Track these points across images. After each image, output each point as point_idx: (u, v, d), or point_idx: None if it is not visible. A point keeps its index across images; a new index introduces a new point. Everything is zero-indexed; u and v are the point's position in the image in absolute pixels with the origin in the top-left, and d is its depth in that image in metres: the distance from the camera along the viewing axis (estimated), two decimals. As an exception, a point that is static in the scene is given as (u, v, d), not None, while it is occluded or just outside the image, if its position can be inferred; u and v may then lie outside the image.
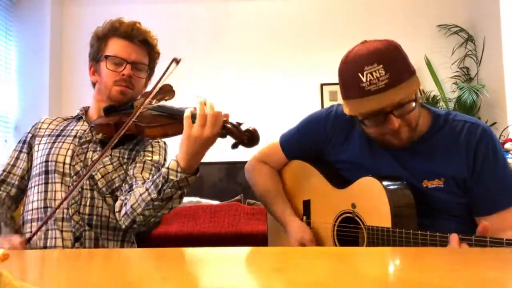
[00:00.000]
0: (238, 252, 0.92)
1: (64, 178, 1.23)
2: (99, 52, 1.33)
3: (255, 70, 4.03)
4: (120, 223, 1.18)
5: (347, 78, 1.09)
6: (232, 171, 3.75)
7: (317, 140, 1.31)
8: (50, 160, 1.25)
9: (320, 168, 1.31)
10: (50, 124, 1.38)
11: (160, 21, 4.08)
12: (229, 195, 2.86)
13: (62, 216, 1.19)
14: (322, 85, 3.89)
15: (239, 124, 1.03)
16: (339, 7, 4.04)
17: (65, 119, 1.41)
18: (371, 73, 1.03)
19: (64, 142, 1.29)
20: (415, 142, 1.15)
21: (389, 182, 1.12)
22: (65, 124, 1.37)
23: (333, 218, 1.22)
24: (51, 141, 1.30)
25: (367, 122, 1.11)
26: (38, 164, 1.27)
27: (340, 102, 1.21)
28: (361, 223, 1.15)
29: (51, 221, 1.19)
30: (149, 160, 1.29)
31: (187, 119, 1.03)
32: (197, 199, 2.75)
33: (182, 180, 1.05)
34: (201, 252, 0.87)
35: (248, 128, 1.01)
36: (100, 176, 1.24)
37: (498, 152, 1.11)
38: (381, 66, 1.03)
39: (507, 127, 3.39)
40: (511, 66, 3.47)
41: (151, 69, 1.40)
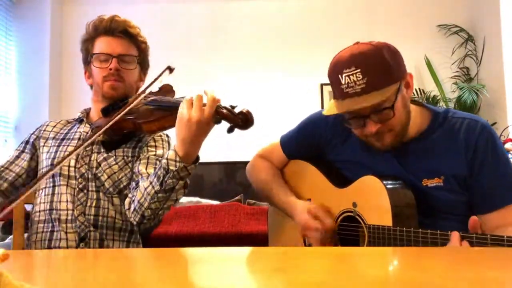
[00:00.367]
0: (238, 252, 0.92)
1: (70, 181, 1.25)
2: (88, 55, 1.36)
3: (255, 70, 4.03)
4: (131, 220, 1.18)
5: (331, 79, 1.12)
6: (232, 171, 3.75)
7: (318, 140, 1.31)
8: (56, 164, 1.26)
9: (321, 168, 1.32)
10: (55, 127, 1.39)
11: (160, 21, 4.09)
12: (229, 195, 2.86)
13: (67, 218, 1.20)
14: (322, 85, 3.90)
15: (233, 107, 1.03)
16: (339, 7, 4.04)
17: (69, 122, 1.43)
18: (349, 76, 1.05)
19: (69, 146, 1.31)
20: (415, 140, 1.16)
21: (390, 181, 1.12)
22: (69, 127, 1.39)
23: (334, 217, 1.22)
24: (56, 145, 1.32)
25: (352, 123, 1.13)
26: (44, 167, 1.29)
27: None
28: (362, 222, 1.15)
29: (56, 223, 1.20)
30: (153, 155, 1.29)
31: (181, 107, 1.02)
32: (197, 199, 2.75)
33: (182, 170, 1.04)
34: (201, 252, 0.87)
35: (242, 111, 1.00)
36: (107, 177, 1.25)
37: (498, 148, 1.11)
38: (359, 70, 1.04)
39: (507, 127, 3.40)
40: (511, 66, 3.47)
41: (143, 60, 1.40)
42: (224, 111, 1.01)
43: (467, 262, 0.73)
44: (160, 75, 1.13)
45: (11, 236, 1.37)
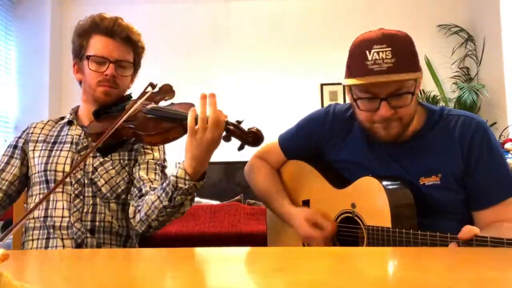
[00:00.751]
0: (238, 252, 0.92)
1: (65, 187, 1.21)
2: (81, 50, 1.29)
3: (255, 70, 4.03)
4: (136, 228, 1.18)
5: (354, 53, 1.10)
6: (232, 171, 3.75)
7: (316, 140, 1.31)
8: (49, 170, 1.22)
9: (319, 168, 1.31)
10: (43, 129, 1.33)
11: (160, 21, 4.09)
12: (229, 195, 2.85)
13: (61, 225, 1.18)
14: (322, 85, 3.90)
15: (239, 123, 1.03)
16: (339, 7, 4.04)
17: (56, 122, 1.36)
18: (378, 53, 1.04)
19: (62, 150, 1.25)
20: (411, 139, 1.15)
21: (389, 182, 1.12)
22: (58, 129, 1.33)
23: (333, 218, 1.22)
24: (48, 149, 1.27)
25: (360, 104, 1.11)
26: (37, 173, 1.24)
27: (339, 102, 1.21)
28: (361, 223, 1.15)
29: (51, 230, 1.18)
30: (151, 159, 1.27)
31: (191, 123, 1.01)
32: (197, 199, 2.75)
33: (191, 187, 1.05)
34: (201, 252, 0.87)
35: (251, 129, 1.02)
36: (104, 182, 1.22)
37: (493, 145, 1.11)
38: (390, 49, 1.03)
39: (507, 127, 3.40)
40: (511, 66, 3.47)
41: (137, 64, 1.35)
42: (234, 129, 1.02)
43: (467, 262, 0.73)
44: (145, 94, 1.13)
45: (11, 236, 1.37)
